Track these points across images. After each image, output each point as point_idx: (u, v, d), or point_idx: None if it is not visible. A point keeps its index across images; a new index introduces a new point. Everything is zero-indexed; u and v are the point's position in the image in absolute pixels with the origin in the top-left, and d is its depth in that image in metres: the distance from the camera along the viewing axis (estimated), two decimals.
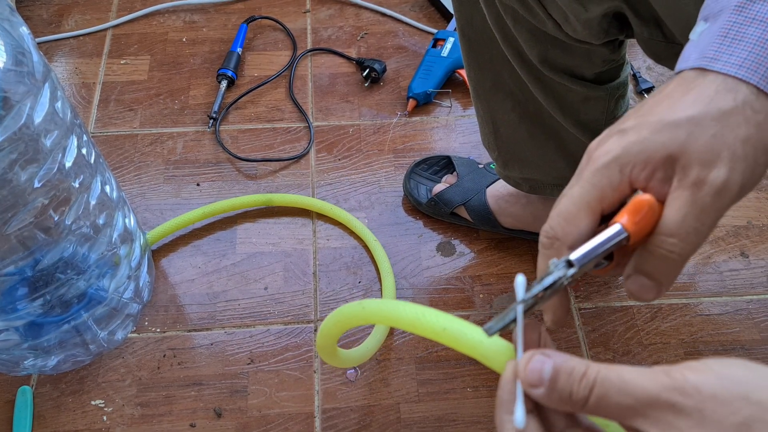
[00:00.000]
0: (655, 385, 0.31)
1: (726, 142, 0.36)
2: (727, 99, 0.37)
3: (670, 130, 0.38)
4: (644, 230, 0.38)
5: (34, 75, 0.60)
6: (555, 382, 0.34)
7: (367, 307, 0.42)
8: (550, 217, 0.40)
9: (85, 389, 0.82)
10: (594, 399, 0.32)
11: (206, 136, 1.07)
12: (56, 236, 0.69)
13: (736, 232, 0.98)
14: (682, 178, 0.37)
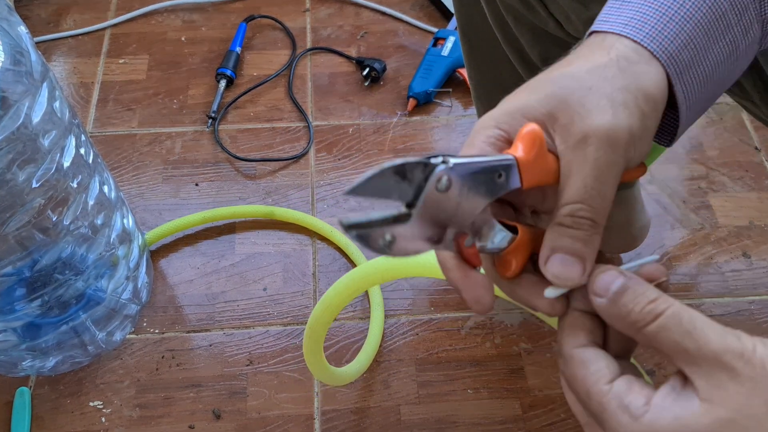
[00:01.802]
0: (722, 344, 0.31)
1: (604, 92, 0.36)
2: (602, 54, 0.37)
3: (547, 87, 0.37)
4: (535, 163, 0.35)
5: (32, 74, 0.61)
6: (620, 296, 0.34)
7: (381, 263, 0.42)
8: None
9: (83, 390, 0.83)
10: (655, 327, 0.32)
11: (205, 136, 1.07)
12: (54, 236, 0.69)
13: (738, 232, 0.98)
14: (567, 138, 0.36)
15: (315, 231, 0.96)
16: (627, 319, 0.33)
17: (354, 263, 0.93)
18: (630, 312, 0.33)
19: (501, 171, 0.35)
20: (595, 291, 0.35)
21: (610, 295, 0.34)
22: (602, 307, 0.34)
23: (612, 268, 0.35)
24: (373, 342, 0.84)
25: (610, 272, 0.35)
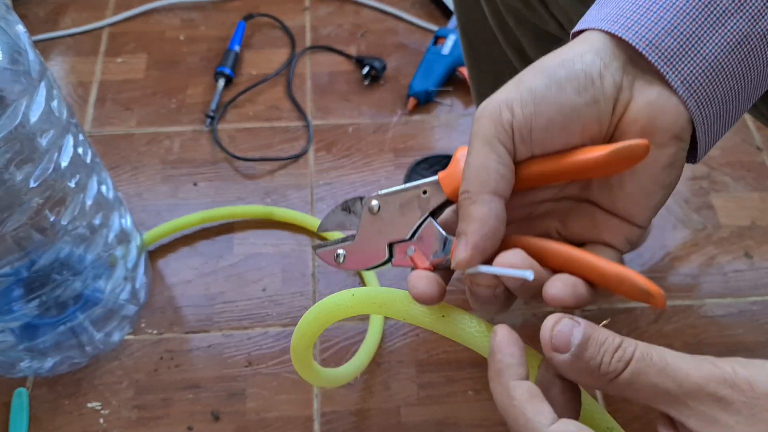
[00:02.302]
0: (700, 374, 0.29)
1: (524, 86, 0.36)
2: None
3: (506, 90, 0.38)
4: (453, 175, 0.39)
5: (30, 74, 0.60)
6: (584, 349, 0.31)
7: (357, 294, 0.42)
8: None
9: (81, 391, 0.83)
10: (628, 375, 0.30)
11: (204, 136, 1.07)
12: (52, 237, 0.69)
13: (740, 232, 0.98)
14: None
15: (314, 231, 0.96)
16: (596, 372, 0.30)
17: None
18: (599, 364, 0.30)
19: (425, 188, 0.40)
20: (555, 347, 0.32)
21: (573, 349, 0.31)
22: (565, 364, 0.31)
23: (563, 316, 0.32)
24: (372, 340, 0.84)
25: (564, 322, 0.32)
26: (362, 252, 0.42)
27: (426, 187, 0.40)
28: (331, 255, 0.43)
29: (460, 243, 0.36)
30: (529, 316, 0.89)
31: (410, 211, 0.41)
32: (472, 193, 0.36)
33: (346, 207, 0.44)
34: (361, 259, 0.42)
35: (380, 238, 0.42)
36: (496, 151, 0.36)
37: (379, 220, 0.42)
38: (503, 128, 0.36)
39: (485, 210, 0.35)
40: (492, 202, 0.35)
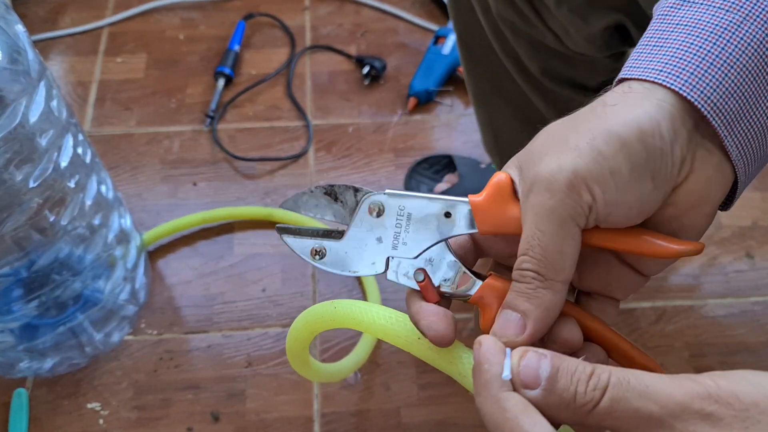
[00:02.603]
0: (683, 393, 0.27)
1: (562, 137, 0.34)
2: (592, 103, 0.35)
3: (528, 144, 0.36)
4: (491, 208, 0.35)
5: (29, 73, 0.60)
6: (555, 382, 0.29)
7: (339, 307, 0.41)
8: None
9: (81, 392, 0.83)
10: (607, 402, 0.28)
11: (203, 136, 1.07)
12: (52, 237, 0.69)
13: (742, 233, 0.98)
14: (521, 189, 0.34)
15: None
16: (573, 404, 0.28)
17: None
18: (574, 396, 0.28)
19: (448, 210, 0.36)
20: (523, 383, 0.30)
21: (542, 383, 0.29)
22: (538, 400, 0.29)
23: (528, 350, 0.31)
24: (369, 337, 0.84)
25: (529, 355, 0.30)
26: (349, 256, 0.37)
27: (452, 210, 0.36)
28: (308, 248, 0.37)
29: (516, 322, 0.33)
30: None
31: (424, 228, 0.36)
32: (545, 278, 0.33)
33: (331, 193, 0.37)
34: (347, 263, 0.37)
35: (377, 248, 0.37)
36: (572, 235, 0.33)
37: (379, 225, 0.36)
38: (582, 210, 0.33)
39: (556, 299, 0.33)
40: (562, 291, 0.33)
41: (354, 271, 0.37)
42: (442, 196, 0.37)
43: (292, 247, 0.37)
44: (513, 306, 0.34)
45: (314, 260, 0.37)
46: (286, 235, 0.37)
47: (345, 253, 0.37)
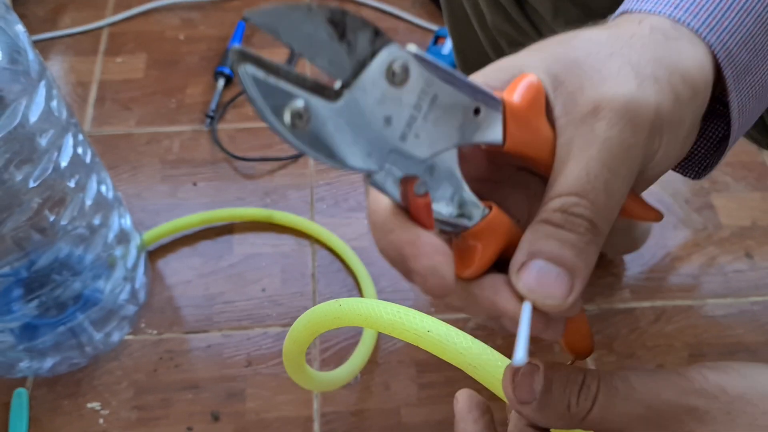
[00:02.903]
0: (669, 390, 0.28)
1: (628, 59, 0.27)
2: (631, 25, 0.29)
3: (554, 48, 0.29)
4: (527, 117, 0.27)
5: (29, 73, 0.60)
6: (549, 395, 0.29)
7: (344, 305, 0.40)
8: None
9: (81, 392, 0.83)
10: (598, 410, 0.28)
11: (203, 136, 1.07)
12: (52, 237, 0.69)
13: (741, 232, 0.98)
14: (571, 108, 0.27)
15: (313, 236, 0.95)
16: (566, 415, 0.29)
17: (351, 268, 0.92)
18: (567, 406, 0.29)
19: (480, 105, 0.26)
20: (519, 398, 0.30)
21: (537, 396, 0.29)
22: (533, 414, 0.29)
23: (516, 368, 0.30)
24: (367, 341, 0.84)
25: (523, 371, 0.30)
26: (340, 132, 0.24)
27: (484, 107, 0.26)
28: (284, 103, 0.22)
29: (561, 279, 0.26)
30: None
31: (445, 122, 0.26)
32: (599, 231, 0.26)
33: (340, 23, 0.23)
34: (334, 144, 0.24)
35: (381, 131, 0.25)
36: (631, 168, 0.27)
37: (394, 97, 0.24)
38: (647, 159, 0.27)
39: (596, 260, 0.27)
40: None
41: (339, 159, 0.24)
42: (478, 82, 0.27)
43: (256, 97, 0.22)
44: (557, 258, 0.26)
45: (286, 127, 0.23)
46: (251, 67, 0.22)
47: (335, 126, 0.24)
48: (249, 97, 0.22)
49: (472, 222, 0.27)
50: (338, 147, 0.24)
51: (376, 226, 0.26)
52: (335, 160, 0.24)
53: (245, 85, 0.22)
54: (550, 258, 0.26)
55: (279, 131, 0.23)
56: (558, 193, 0.27)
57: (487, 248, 0.28)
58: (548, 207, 0.27)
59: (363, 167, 0.25)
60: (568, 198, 0.26)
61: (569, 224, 0.26)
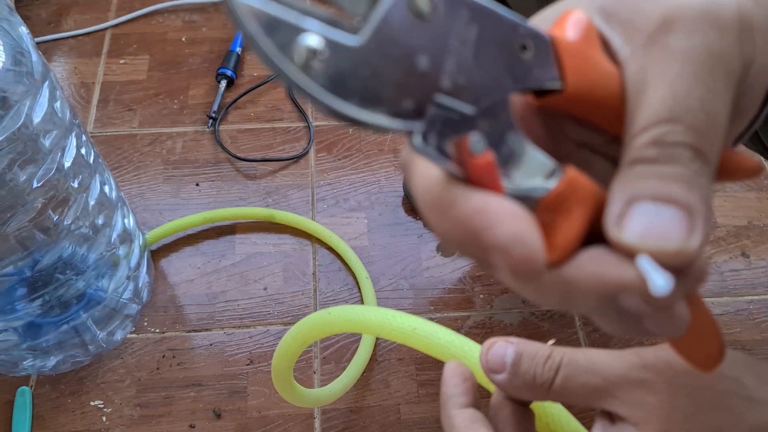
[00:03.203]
0: (624, 364, 0.31)
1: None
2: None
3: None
4: (584, 52, 0.22)
5: (33, 75, 0.61)
6: (518, 366, 0.32)
7: (334, 313, 0.41)
8: None
9: (84, 390, 0.83)
10: (560, 380, 0.31)
11: (205, 136, 1.08)
12: (55, 236, 0.69)
13: (737, 232, 0.99)
14: (634, 34, 0.23)
15: (314, 235, 0.96)
16: (534, 384, 0.32)
17: (350, 268, 0.93)
18: (534, 377, 0.32)
19: (526, 41, 0.22)
20: (491, 368, 0.33)
21: (508, 368, 0.33)
22: (504, 382, 0.33)
23: (497, 340, 0.34)
24: (363, 354, 0.84)
25: (497, 344, 0.33)
26: (362, 75, 0.19)
27: (528, 40, 0.22)
28: (293, 39, 0.18)
29: (678, 220, 0.21)
30: (527, 315, 0.89)
31: (487, 62, 0.21)
32: (708, 158, 0.21)
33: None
34: (357, 90, 0.19)
35: (411, 76, 0.20)
36: (731, 102, 0.22)
37: (421, 32, 0.20)
38: (743, 67, 0.22)
39: (712, 193, 0.22)
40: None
41: (368, 112, 0.19)
42: (521, 20, 0.22)
43: (255, 32, 0.17)
44: (664, 196, 0.21)
45: (298, 69, 0.18)
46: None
47: (356, 67, 0.19)
48: (246, 34, 0.17)
49: (546, 188, 0.22)
50: (362, 96, 0.19)
51: (432, 205, 0.21)
52: (353, 114, 0.19)
53: (238, 18, 0.17)
54: (656, 198, 0.21)
55: (285, 74, 0.18)
56: (643, 126, 0.21)
57: (573, 219, 0.22)
58: (634, 145, 0.22)
59: (398, 126, 0.20)
60: (659, 127, 0.21)
61: (668, 157, 0.21)
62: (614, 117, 0.23)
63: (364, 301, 0.89)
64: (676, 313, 0.23)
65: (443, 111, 0.20)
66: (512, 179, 0.22)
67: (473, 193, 0.20)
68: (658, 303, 0.21)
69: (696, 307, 0.25)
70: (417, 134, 0.20)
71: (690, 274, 0.22)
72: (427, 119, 0.20)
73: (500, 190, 0.21)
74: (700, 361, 0.27)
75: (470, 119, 0.21)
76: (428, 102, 0.20)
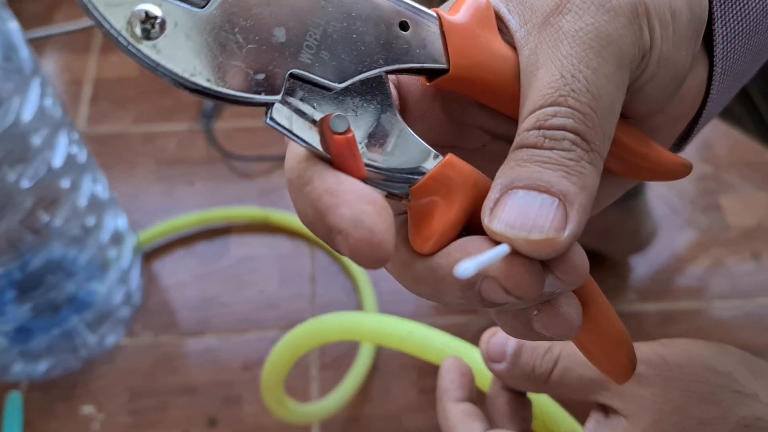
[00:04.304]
0: None
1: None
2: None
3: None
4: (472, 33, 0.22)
5: (23, 71, 0.61)
6: (518, 357, 0.33)
7: (326, 321, 0.42)
8: None
9: (75, 395, 0.83)
10: (557, 372, 0.33)
11: (199, 135, 1.07)
12: (45, 238, 0.69)
13: (747, 234, 0.98)
14: (529, 15, 0.23)
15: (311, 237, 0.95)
16: (532, 375, 0.33)
17: (350, 271, 0.93)
18: (533, 367, 0.33)
19: (407, 19, 0.21)
20: (491, 357, 0.34)
21: (508, 357, 0.34)
22: (503, 372, 0.34)
23: (498, 329, 0.34)
24: (363, 361, 0.83)
25: (499, 334, 0.34)
26: (210, 46, 0.20)
27: (413, 22, 0.22)
28: (131, 4, 0.20)
29: (552, 208, 0.20)
30: None
31: (361, 38, 0.21)
32: (592, 145, 0.21)
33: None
34: (200, 60, 0.19)
35: (270, 49, 0.20)
36: (623, 86, 0.22)
37: (281, 2, 0.20)
38: (637, 53, 0.22)
39: (597, 183, 0.22)
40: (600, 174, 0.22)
41: (218, 81, 0.20)
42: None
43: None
44: (539, 183, 0.21)
45: (134, 38, 0.21)
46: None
47: (201, 35, 0.19)
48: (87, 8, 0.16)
49: (422, 173, 0.22)
50: (202, 65, 0.19)
51: (291, 182, 0.21)
52: (199, 82, 0.19)
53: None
54: (531, 185, 0.21)
55: (122, 40, 0.19)
56: (530, 110, 0.21)
57: (448, 206, 0.21)
58: (520, 129, 0.22)
59: (247, 96, 0.20)
60: (543, 110, 0.21)
61: (550, 141, 0.21)
62: (516, 102, 0.23)
63: (363, 306, 0.89)
64: (561, 312, 0.22)
65: (303, 86, 0.20)
66: (385, 162, 0.21)
67: (330, 174, 0.20)
68: (522, 295, 0.21)
69: (597, 312, 0.25)
70: (271, 108, 0.20)
71: (563, 268, 0.21)
72: (282, 93, 0.20)
73: (361, 170, 0.21)
74: (612, 371, 0.27)
75: (335, 97, 0.21)
76: (284, 75, 0.20)
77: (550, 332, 0.23)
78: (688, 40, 0.24)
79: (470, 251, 0.21)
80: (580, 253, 0.22)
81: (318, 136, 0.21)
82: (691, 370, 0.31)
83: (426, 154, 0.22)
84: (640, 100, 0.24)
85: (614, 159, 0.25)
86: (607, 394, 0.32)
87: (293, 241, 0.97)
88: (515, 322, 0.23)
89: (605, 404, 0.32)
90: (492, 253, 0.20)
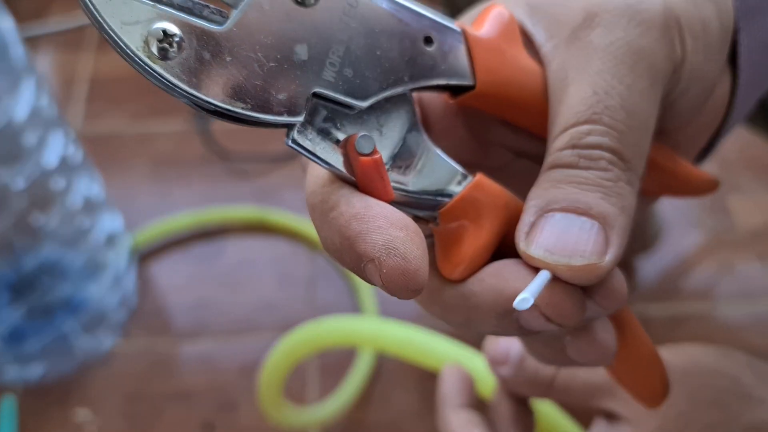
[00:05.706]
0: None
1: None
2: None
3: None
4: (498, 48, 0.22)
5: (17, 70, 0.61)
6: (522, 360, 0.33)
7: (324, 326, 0.42)
8: None
9: (70, 400, 0.83)
10: (562, 377, 0.33)
11: (196, 135, 1.08)
12: (39, 239, 0.70)
13: (756, 235, 0.99)
14: (556, 29, 0.22)
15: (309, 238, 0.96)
16: (536, 379, 0.33)
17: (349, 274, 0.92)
18: (537, 370, 0.33)
19: (431, 33, 0.21)
20: (495, 360, 0.34)
21: (512, 361, 0.33)
22: (507, 376, 0.34)
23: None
24: (362, 367, 0.83)
25: (502, 340, 0.34)
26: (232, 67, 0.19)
27: (434, 33, 0.21)
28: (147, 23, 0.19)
29: (592, 232, 0.20)
30: None
31: (382, 53, 0.20)
32: (629, 164, 0.21)
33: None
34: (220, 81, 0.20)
35: (293, 67, 0.19)
36: (657, 102, 0.22)
37: (300, 18, 0.19)
38: (670, 67, 0.22)
39: (635, 203, 0.21)
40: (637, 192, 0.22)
41: (237, 102, 0.20)
42: (422, 8, 0.21)
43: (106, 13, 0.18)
44: (578, 205, 0.20)
45: (149, 57, 0.20)
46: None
47: (220, 55, 0.19)
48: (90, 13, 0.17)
49: (450, 195, 0.21)
50: (226, 87, 0.19)
51: (314, 207, 0.21)
52: (220, 104, 0.19)
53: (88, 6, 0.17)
54: (568, 208, 0.20)
55: (137, 59, 0.19)
56: (562, 128, 0.21)
57: (478, 229, 0.21)
58: (553, 148, 0.21)
59: (271, 119, 0.20)
60: (576, 128, 0.21)
61: (585, 161, 0.20)
62: (542, 119, 0.22)
63: (363, 309, 0.89)
64: (597, 338, 0.22)
65: (326, 105, 0.20)
66: (413, 184, 0.21)
67: (357, 198, 0.19)
68: (563, 322, 0.20)
69: (631, 336, 0.24)
70: (293, 130, 0.20)
71: (604, 293, 0.21)
72: (305, 114, 0.20)
73: (389, 193, 0.20)
74: (644, 396, 0.27)
75: (359, 116, 0.20)
76: (307, 95, 0.20)
77: (584, 359, 0.22)
78: (717, 52, 0.23)
79: (508, 277, 0.21)
80: (619, 277, 0.21)
81: (342, 158, 0.20)
82: (697, 375, 0.31)
83: (453, 173, 0.21)
84: (671, 115, 0.23)
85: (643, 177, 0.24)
86: (612, 400, 0.32)
87: (291, 242, 0.97)
88: (546, 349, 0.23)
89: (609, 410, 0.32)
90: (538, 280, 0.20)
